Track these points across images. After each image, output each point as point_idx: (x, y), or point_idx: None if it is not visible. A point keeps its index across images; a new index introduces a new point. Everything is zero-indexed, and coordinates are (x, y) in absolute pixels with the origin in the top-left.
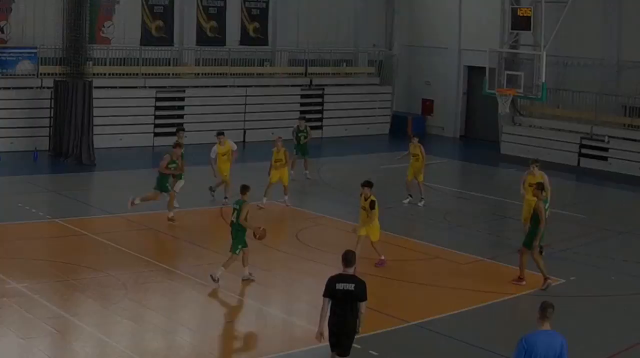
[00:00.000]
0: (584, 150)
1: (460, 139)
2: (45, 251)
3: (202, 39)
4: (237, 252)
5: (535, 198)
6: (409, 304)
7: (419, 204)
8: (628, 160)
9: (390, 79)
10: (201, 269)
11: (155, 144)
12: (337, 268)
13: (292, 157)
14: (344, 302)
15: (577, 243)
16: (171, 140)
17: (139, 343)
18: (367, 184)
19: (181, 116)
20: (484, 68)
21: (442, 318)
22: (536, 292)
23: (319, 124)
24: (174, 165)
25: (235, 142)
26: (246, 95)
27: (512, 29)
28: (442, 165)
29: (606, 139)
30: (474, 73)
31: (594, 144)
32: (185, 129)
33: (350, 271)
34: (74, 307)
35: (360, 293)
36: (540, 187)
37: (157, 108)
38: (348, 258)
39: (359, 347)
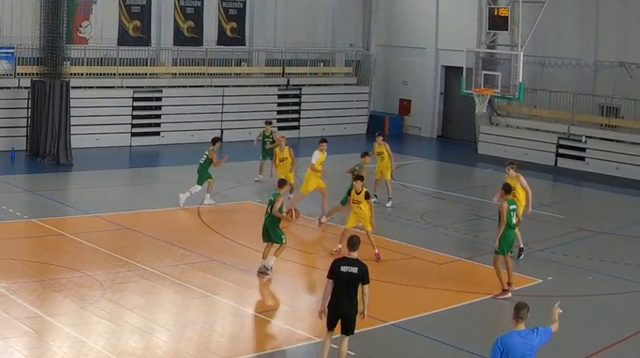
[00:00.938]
0: (561, 150)
1: (437, 139)
2: (22, 251)
3: (180, 39)
4: (283, 241)
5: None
6: (387, 304)
7: (387, 205)
8: (605, 160)
9: (367, 79)
10: (178, 269)
11: (132, 144)
12: (314, 268)
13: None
14: (346, 284)
15: (555, 243)
16: (148, 140)
17: (116, 343)
18: (360, 178)
19: (158, 116)
20: (461, 68)
21: (419, 318)
22: (515, 292)
23: (296, 124)
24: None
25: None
26: (223, 95)
27: (489, 29)
28: (419, 165)
29: (583, 139)
30: (451, 73)
31: (571, 144)
32: (162, 129)
33: (355, 255)
34: (51, 307)
35: (363, 276)
36: (506, 188)
37: (134, 108)
38: (353, 242)
39: (335, 346)
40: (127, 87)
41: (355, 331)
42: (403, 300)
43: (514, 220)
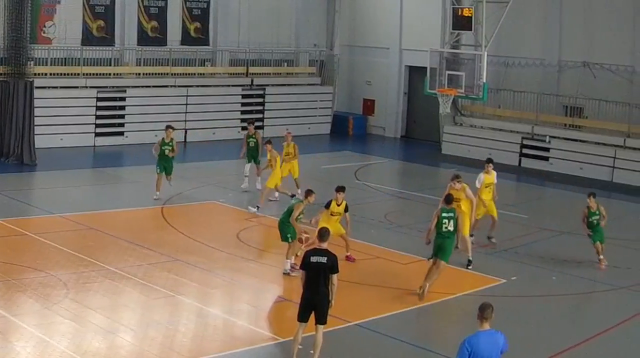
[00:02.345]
0: (525, 150)
1: (401, 139)
2: None
3: (143, 39)
4: (289, 240)
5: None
6: (351, 304)
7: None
8: (569, 160)
9: (331, 79)
10: (142, 269)
11: (96, 144)
12: (278, 268)
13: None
14: (317, 273)
15: (519, 243)
16: (112, 140)
17: (79, 343)
18: (343, 189)
19: (122, 116)
20: (425, 68)
21: (384, 318)
22: (477, 292)
23: (260, 124)
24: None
25: (177, 142)
26: (187, 95)
27: (453, 29)
28: (383, 165)
29: (547, 139)
30: (415, 73)
31: (535, 144)
32: (126, 129)
33: (324, 245)
34: (15, 307)
35: (331, 266)
36: (447, 198)
37: (98, 108)
38: (322, 233)
39: (301, 347)
40: (91, 87)
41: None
42: (367, 301)
43: (445, 228)
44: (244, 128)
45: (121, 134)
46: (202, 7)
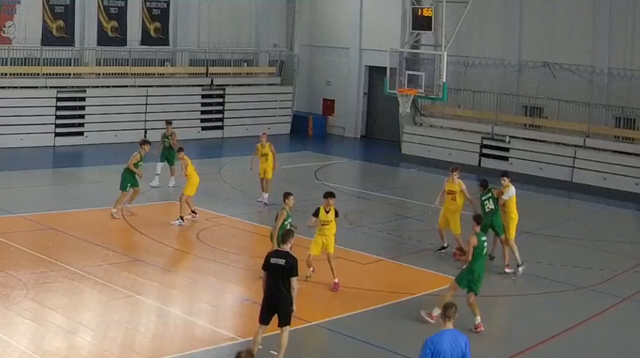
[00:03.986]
0: (485, 150)
1: (361, 139)
2: None
3: (103, 39)
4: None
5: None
6: (311, 304)
7: (263, 201)
8: (529, 160)
9: (291, 79)
10: (102, 269)
11: (56, 144)
12: (237, 268)
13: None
14: (276, 275)
15: None
16: (72, 140)
17: (39, 343)
18: (332, 195)
19: (82, 116)
20: (385, 68)
21: (344, 318)
22: (438, 292)
23: (219, 124)
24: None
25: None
26: (147, 95)
27: (413, 29)
28: (342, 165)
29: (507, 139)
30: (375, 73)
31: (495, 144)
32: (86, 129)
33: (286, 248)
34: None
35: (289, 268)
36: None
37: (58, 108)
38: (284, 235)
39: (261, 347)
40: (51, 87)
41: (278, 331)
42: (327, 300)
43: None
44: (202, 128)
45: (81, 134)
46: (162, 7)
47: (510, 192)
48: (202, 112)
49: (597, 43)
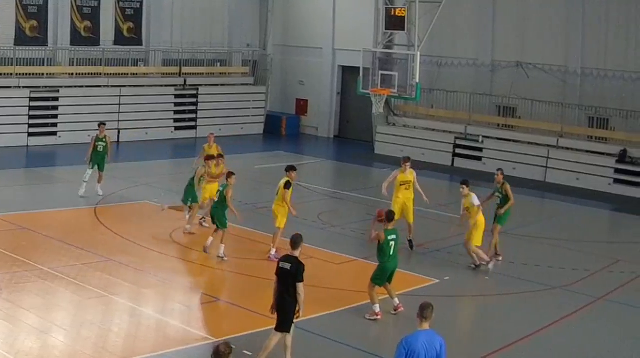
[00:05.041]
0: (458, 150)
1: (334, 139)
2: None
3: (77, 39)
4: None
5: (407, 196)
6: None
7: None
8: (502, 160)
9: (264, 79)
10: (75, 269)
11: (29, 144)
12: (211, 268)
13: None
14: (283, 280)
15: (451, 243)
16: (45, 140)
17: (12, 343)
18: (292, 168)
19: (55, 116)
20: (358, 68)
21: (316, 318)
22: (410, 292)
23: (193, 124)
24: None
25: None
26: (120, 95)
27: (386, 29)
28: (316, 165)
29: (480, 138)
30: (348, 73)
31: (468, 143)
32: (59, 129)
33: (296, 253)
34: None
35: (295, 273)
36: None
37: (31, 108)
38: (293, 240)
39: (234, 346)
40: (24, 87)
41: (251, 331)
42: None
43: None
44: (176, 128)
45: (54, 134)
46: (135, 7)
47: (473, 200)
48: (176, 112)
49: (570, 43)
